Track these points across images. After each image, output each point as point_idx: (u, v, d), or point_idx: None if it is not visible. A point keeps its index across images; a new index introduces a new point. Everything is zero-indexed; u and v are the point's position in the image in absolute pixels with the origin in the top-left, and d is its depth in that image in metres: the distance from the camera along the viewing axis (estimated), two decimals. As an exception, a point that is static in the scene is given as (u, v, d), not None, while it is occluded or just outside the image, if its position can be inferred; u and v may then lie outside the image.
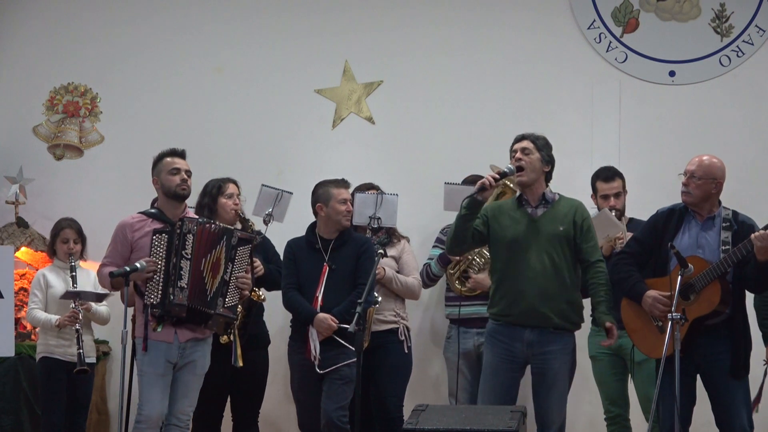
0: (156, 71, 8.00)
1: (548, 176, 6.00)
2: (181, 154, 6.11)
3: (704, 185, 5.77)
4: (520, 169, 5.88)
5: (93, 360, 7.09)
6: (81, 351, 6.74)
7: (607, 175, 6.78)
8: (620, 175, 6.79)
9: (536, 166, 5.90)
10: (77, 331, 6.78)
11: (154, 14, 8.05)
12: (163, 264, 5.86)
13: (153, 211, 6.09)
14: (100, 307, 7.00)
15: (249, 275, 6.09)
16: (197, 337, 5.97)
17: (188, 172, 6.07)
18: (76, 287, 6.86)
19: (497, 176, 5.78)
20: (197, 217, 6.12)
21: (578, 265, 5.91)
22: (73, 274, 6.93)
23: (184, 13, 8.03)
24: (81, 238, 7.09)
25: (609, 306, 5.86)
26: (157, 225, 5.97)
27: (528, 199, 5.94)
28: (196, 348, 5.97)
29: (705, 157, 5.82)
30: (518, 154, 5.89)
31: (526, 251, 5.82)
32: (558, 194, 6.01)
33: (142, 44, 8.02)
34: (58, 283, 7.02)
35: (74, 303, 6.84)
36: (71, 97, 8.06)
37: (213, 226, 6.00)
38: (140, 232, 5.99)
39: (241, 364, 6.37)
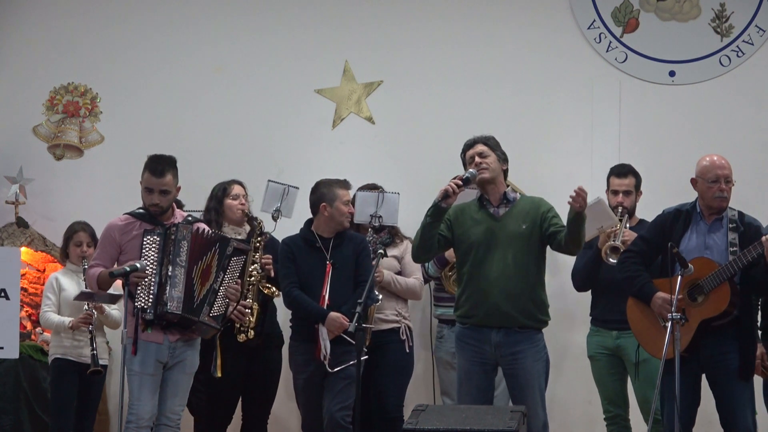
0: (156, 71, 7.99)
1: (505, 174, 6.01)
2: (159, 173, 5.89)
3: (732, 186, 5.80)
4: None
5: (106, 362, 7.10)
6: (95, 352, 6.74)
7: (620, 171, 6.76)
8: (635, 174, 6.75)
9: (495, 165, 5.90)
10: (91, 332, 6.79)
11: (154, 14, 8.04)
12: (155, 267, 5.80)
13: (141, 211, 5.98)
14: (113, 311, 6.97)
15: (239, 286, 6.03)
16: (186, 337, 5.95)
17: (164, 192, 5.90)
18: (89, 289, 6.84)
19: (460, 183, 5.76)
20: (191, 218, 6.02)
21: (543, 263, 5.90)
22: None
23: (184, 13, 8.03)
24: (94, 241, 6.97)
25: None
26: (147, 227, 5.89)
27: (489, 199, 5.93)
28: (186, 347, 5.95)
29: (719, 158, 5.81)
30: (477, 159, 5.88)
31: (490, 251, 5.81)
32: (519, 194, 6.02)
33: (142, 44, 8.01)
34: (71, 287, 7.01)
35: (88, 305, 6.84)
36: (71, 97, 8.05)
37: (207, 232, 5.93)
38: (129, 235, 5.92)
39: (219, 374, 6.35)
